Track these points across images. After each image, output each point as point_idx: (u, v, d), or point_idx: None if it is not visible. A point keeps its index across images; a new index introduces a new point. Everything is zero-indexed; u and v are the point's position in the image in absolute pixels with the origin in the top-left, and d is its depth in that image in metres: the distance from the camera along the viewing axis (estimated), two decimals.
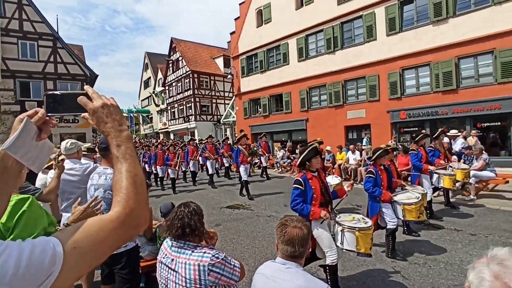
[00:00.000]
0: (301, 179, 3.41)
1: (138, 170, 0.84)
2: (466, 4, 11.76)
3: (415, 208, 4.26)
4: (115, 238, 0.73)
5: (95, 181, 2.40)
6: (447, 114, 12.24)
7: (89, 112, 0.87)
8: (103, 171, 2.40)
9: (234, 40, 21.86)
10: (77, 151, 3.29)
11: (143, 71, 41.83)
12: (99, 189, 2.35)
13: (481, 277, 0.88)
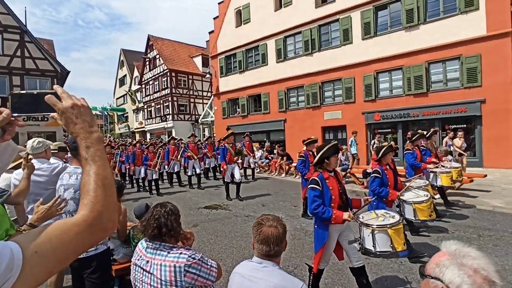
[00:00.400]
0: (317, 178, 3.11)
1: (107, 172, 0.82)
2: (435, 12, 12.35)
3: (426, 206, 4.00)
4: (79, 242, 0.71)
5: (65, 181, 2.30)
6: (418, 116, 12.78)
7: (58, 112, 0.84)
8: (74, 171, 2.31)
9: (213, 40, 21.71)
10: (45, 150, 3.13)
11: (119, 68, 40.59)
12: (69, 190, 2.25)
13: (461, 273, 0.90)
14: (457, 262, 0.92)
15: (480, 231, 5.23)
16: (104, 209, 0.76)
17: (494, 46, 10.98)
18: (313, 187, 3.08)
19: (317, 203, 3.01)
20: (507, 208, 6.47)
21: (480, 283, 0.86)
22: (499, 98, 10.96)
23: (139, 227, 1.85)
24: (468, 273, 0.88)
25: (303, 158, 6.53)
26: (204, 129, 27.29)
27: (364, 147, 14.32)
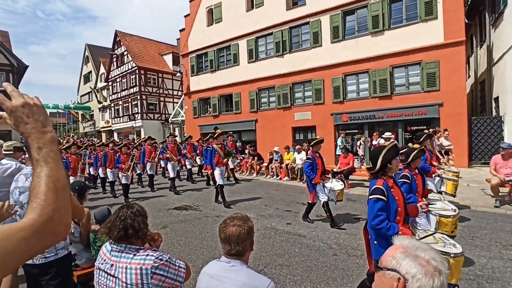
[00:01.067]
0: (383, 187, 2.68)
1: (60, 174, 0.79)
2: (399, 19, 13.01)
3: (452, 221, 3.57)
4: (26, 248, 0.67)
5: (20, 183, 2.15)
6: (383, 118, 13.38)
7: (6, 111, 0.80)
8: (31, 173, 2.16)
9: (184, 38, 21.33)
10: None
11: (83, 64, 38.65)
12: (26, 193, 2.11)
13: (415, 265, 0.98)
14: (412, 254, 1.01)
15: None
16: (54, 212, 0.73)
17: (451, 53, 11.77)
18: (378, 198, 2.64)
19: (382, 217, 2.60)
20: (461, 204, 6.96)
21: (431, 272, 0.96)
22: (455, 101, 11.76)
23: (104, 229, 1.78)
24: (421, 263, 0.98)
25: (310, 161, 5.99)
26: (174, 128, 26.72)
27: (332, 147, 14.75)
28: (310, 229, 5.62)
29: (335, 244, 4.85)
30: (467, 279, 3.59)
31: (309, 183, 6.03)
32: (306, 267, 4.05)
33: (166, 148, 10.69)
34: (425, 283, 0.95)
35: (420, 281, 0.95)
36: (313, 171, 5.89)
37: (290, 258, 4.35)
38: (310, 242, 4.97)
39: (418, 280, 0.95)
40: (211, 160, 7.89)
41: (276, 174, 12.16)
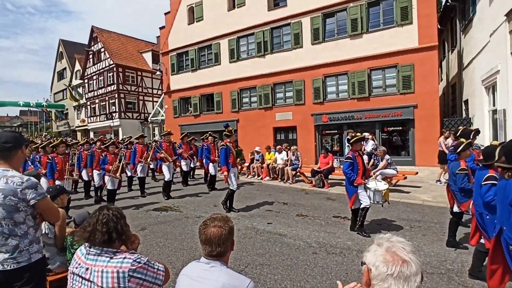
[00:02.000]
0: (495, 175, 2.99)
1: None
2: (376, 23, 13.39)
3: None
4: None
5: None
6: (361, 119, 13.72)
7: None
8: (3, 174, 2.04)
9: (164, 36, 20.98)
10: None
11: (57, 60, 37.19)
12: None
13: (375, 254, 1.07)
14: (375, 245, 1.12)
15: (412, 222, 5.81)
16: None
17: (425, 57, 12.24)
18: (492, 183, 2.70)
19: None
20: (434, 201, 7.27)
21: (388, 259, 1.04)
22: (428, 104, 12.24)
23: (83, 234, 1.70)
24: (381, 252, 1.08)
25: (350, 160, 5.36)
26: (154, 128, 26.23)
27: (313, 147, 14.98)
28: (291, 228, 5.69)
29: (315, 242, 4.93)
30: (439, 273, 3.75)
31: (348, 186, 5.44)
32: (287, 266, 4.09)
33: (160, 148, 9.49)
34: (381, 270, 1.04)
35: (378, 269, 1.05)
36: (353, 172, 5.31)
37: (271, 258, 4.38)
38: (291, 241, 5.03)
39: (377, 268, 1.06)
40: (227, 161, 6.96)
41: (257, 174, 12.19)
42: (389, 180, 8.73)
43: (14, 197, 1.98)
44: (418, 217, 6.18)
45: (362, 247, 4.60)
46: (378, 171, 8.26)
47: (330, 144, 15.19)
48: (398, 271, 1.01)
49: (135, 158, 9.80)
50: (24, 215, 2.05)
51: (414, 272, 1.02)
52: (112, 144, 8.59)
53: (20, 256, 2.05)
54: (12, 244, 2.03)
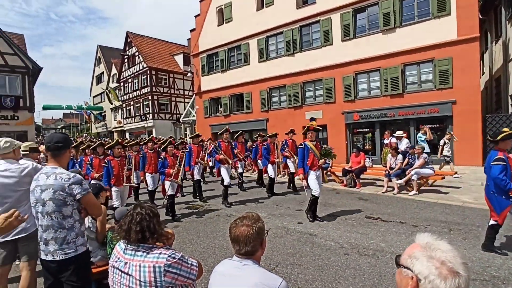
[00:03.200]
0: None
1: None
2: (411, 16, 12.80)
3: None
4: None
5: (41, 181, 2.22)
6: (394, 116, 13.20)
7: None
8: (52, 171, 2.24)
9: (194, 38, 21.50)
10: (13, 150, 3.02)
11: (95, 65, 39.41)
12: (48, 190, 2.19)
13: (429, 267, 0.98)
14: (427, 254, 1.00)
15: (451, 225, 5.50)
16: None
17: (464, 50, 11.52)
18: None
19: None
20: (475, 203, 6.82)
21: (445, 274, 0.94)
22: (468, 99, 11.51)
23: (120, 232, 1.81)
24: (435, 265, 0.96)
25: (503, 163, 4.00)
26: (185, 128, 26.98)
27: (344, 146, 14.64)
28: (322, 228, 5.61)
29: (347, 243, 4.83)
30: (482, 280, 3.53)
31: (497, 197, 4.11)
32: (317, 266, 4.04)
33: (219, 148, 8.20)
34: (437, 284, 0.94)
35: (432, 283, 0.95)
36: (507, 177, 3.98)
37: (302, 257, 4.35)
38: (322, 241, 4.96)
39: (430, 281, 0.95)
40: (304, 162, 6.11)
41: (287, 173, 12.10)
42: (425, 180, 8.34)
43: (62, 192, 2.17)
44: (458, 219, 5.84)
45: (396, 250, 4.44)
46: (413, 170, 7.91)
47: (361, 143, 14.77)
48: (455, 286, 0.94)
49: (190, 160, 8.64)
50: (71, 209, 2.23)
51: (467, 284, 0.95)
52: (169, 144, 7.52)
53: (67, 248, 2.23)
54: (61, 236, 2.21)
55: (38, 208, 2.23)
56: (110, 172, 6.17)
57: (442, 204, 7.00)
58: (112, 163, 6.22)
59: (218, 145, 8.35)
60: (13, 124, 17.98)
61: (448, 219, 5.90)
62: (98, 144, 7.50)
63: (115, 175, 6.19)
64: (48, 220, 2.21)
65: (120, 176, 6.29)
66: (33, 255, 2.91)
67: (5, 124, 17.73)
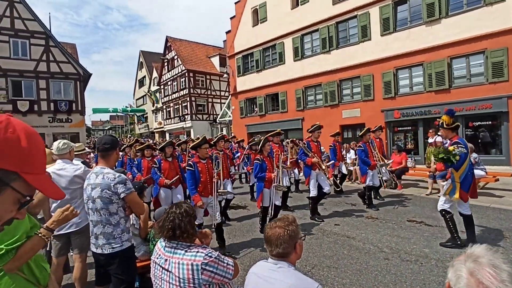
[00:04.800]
0: None
1: None
2: (458, 4, 11.91)
3: None
4: None
5: (92, 180, 2.44)
6: (440, 113, 12.34)
7: None
8: (100, 171, 2.44)
9: (230, 39, 21.85)
10: (69, 151, 3.31)
11: (138, 70, 41.61)
12: (96, 189, 2.39)
13: (458, 274, 0.95)
14: (461, 263, 1.00)
15: (507, 232, 5.04)
16: None
17: None
18: None
19: None
20: None
21: (472, 286, 0.92)
22: None
23: (156, 228, 1.93)
24: (464, 273, 0.96)
25: None
26: (222, 128, 27.54)
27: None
28: (360, 231, 5.43)
29: (387, 247, 4.62)
30: None
31: None
32: (356, 270, 3.92)
33: (309, 149, 6.56)
34: None
35: None
36: None
37: (339, 260, 4.25)
38: (360, 244, 4.80)
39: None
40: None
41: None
42: (476, 182, 7.71)
43: (109, 191, 2.35)
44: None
45: (443, 256, 4.16)
46: None
47: (403, 142, 14.04)
48: None
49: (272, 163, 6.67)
50: (116, 207, 2.42)
51: None
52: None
53: (114, 242, 2.41)
54: (108, 231, 2.41)
55: (89, 204, 2.44)
56: (197, 177, 4.69)
57: (496, 209, 6.45)
58: (199, 166, 4.74)
59: (307, 145, 6.54)
60: (67, 126, 19.58)
61: (503, 225, 5.41)
62: (167, 143, 6.06)
63: (202, 181, 4.72)
64: (97, 216, 2.41)
65: (207, 183, 4.79)
66: (84, 248, 3.15)
67: (60, 126, 19.37)
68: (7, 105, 17.25)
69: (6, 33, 17.56)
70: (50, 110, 18.95)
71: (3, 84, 17.54)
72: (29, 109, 18.26)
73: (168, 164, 5.83)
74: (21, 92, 18.26)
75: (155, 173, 5.78)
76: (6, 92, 17.46)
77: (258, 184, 5.41)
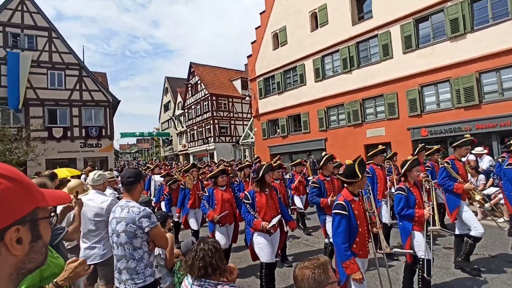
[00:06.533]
0: None
1: None
2: (484, 18, 11.61)
3: None
4: None
5: (117, 214, 2.46)
6: (471, 130, 11.80)
7: None
8: (126, 204, 2.46)
9: (251, 63, 22.37)
10: (103, 182, 3.41)
11: (163, 95, 43.30)
12: (121, 223, 2.40)
13: None
14: None
15: None
16: None
17: None
18: None
19: None
20: None
21: None
22: None
23: (185, 266, 1.87)
24: None
25: None
26: (245, 150, 27.73)
27: None
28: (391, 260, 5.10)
29: None
30: None
31: None
32: None
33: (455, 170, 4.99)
34: None
35: None
36: None
37: None
38: (393, 274, 4.50)
39: None
40: None
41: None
42: None
43: (133, 225, 2.35)
44: None
45: None
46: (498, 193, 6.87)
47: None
48: None
49: (375, 189, 5.68)
50: (140, 241, 2.40)
51: None
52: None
53: (137, 278, 2.39)
54: (131, 266, 2.39)
55: (114, 238, 2.45)
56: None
57: None
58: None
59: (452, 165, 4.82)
60: (96, 151, 20.46)
61: None
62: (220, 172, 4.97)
63: None
64: (121, 251, 2.40)
65: None
66: (110, 280, 3.17)
67: (90, 151, 20.26)
68: (43, 132, 18.34)
69: (44, 66, 18.98)
70: (81, 136, 19.94)
71: (40, 113, 18.75)
72: (63, 136, 19.31)
73: (221, 194, 4.83)
74: (56, 119, 19.41)
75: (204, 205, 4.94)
76: (43, 120, 18.61)
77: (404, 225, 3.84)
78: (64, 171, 9.15)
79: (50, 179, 3.23)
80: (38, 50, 18.83)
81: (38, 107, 18.72)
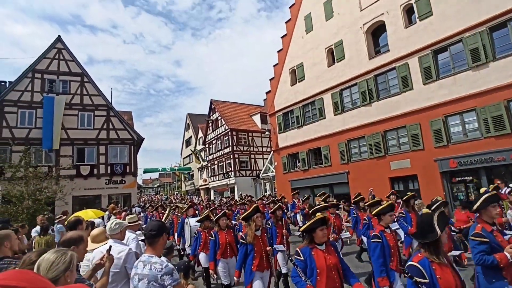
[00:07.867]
0: None
1: None
2: (506, 47, 11.46)
3: None
4: None
5: (139, 270, 2.41)
6: (505, 160, 11.19)
7: None
8: (148, 260, 2.41)
9: (270, 99, 22.82)
10: (120, 231, 3.35)
11: (185, 130, 44.54)
12: (143, 280, 2.34)
13: None
14: None
15: None
16: None
17: None
18: None
19: None
20: None
21: None
22: None
23: None
24: None
25: None
26: (265, 184, 27.47)
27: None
28: None
29: None
30: None
31: None
32: None
33: None
34: None
35: None
36: None
37: None
38: None
39: None
40: None
41: None
42: None
43: (155, 283, 2.29)
44: None
45: None
46: None
47: (464, 193, 12.69)
48: None
49: None
50: None
51: None
52: None
53: None
54: None
55: None
56: None
57: None
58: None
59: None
60: (120, 187, 20.91)
61: None
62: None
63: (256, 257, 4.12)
64: None
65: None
66: None
67: (115, 188, 20.73)
68: (72, 170, 19.06)
69: (76, 108, 20.22)
70: (107, 173, 20.55)
71: (70, 152, 19.64)
72: (89, 173, 19.98)
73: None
74: (84, 158, 20.22)
75: None
76: (72, 160, 19.42)
77: None
78: (90, 213, 9.30)
79: None
80: (71, 94, 20.18)
81: (68, 146, 19.66)
